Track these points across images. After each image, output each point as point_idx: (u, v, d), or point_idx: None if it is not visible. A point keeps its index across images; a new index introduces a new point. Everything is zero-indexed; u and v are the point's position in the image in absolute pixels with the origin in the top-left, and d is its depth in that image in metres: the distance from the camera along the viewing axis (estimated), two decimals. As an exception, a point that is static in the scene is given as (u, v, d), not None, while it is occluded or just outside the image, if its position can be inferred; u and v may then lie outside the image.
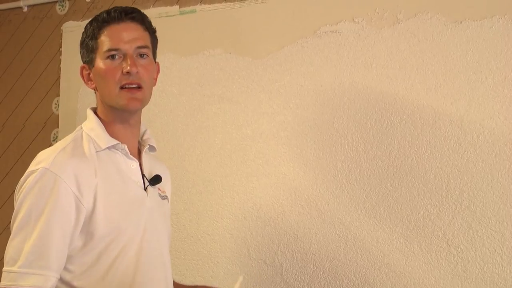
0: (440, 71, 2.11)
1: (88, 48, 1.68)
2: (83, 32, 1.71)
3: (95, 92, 1.73)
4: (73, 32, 2.86)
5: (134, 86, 1.65)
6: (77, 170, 1.56)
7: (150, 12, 2.62)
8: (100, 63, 1.66)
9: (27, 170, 1.58)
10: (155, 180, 1.77)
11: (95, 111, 1.74)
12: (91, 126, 1.68)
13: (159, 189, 1.79)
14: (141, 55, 1.68)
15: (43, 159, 1.58)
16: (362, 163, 2.20)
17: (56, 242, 1.52)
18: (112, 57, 1.65)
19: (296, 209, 2.29)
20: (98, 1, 2.86)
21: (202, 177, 2.50)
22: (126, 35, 1.66)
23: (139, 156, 1.76)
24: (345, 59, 2.27)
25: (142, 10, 2.62)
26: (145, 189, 1.72)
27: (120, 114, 1.69)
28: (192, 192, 2.51)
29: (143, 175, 1.74)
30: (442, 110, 2.10)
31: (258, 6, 2.46)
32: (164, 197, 1.81)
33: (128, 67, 1.63)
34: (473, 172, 2.03)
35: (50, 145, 2.86)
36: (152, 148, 1.81)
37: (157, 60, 1.77)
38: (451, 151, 2.07)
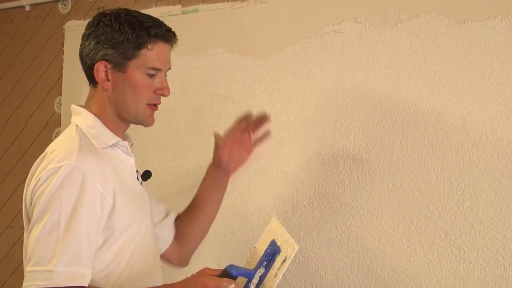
0: (443, 71, 2.11)
1: (125, 52, 1.63)
2: (114, 30, 1.63)
3: (95, 88, 1.70)
4: (75, 31, 2.86)
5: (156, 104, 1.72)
6: (99, 167, 1.57)
7: (153, 12, 2.61)
8: (136, 75, 1.65)
9: (46, 168, 1.55)
10: (146, 175, 1.83)
11: (84, 108, 1.72)
12: (89, 124, 1.67)
13: None
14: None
15: (63, 156, 1.55)
16: (364, 163, 2.20)
17: (89, 239, 1.52)
18: (152, 74, 1.66)
19: (298, 209, 2.29)
20: (101, 0, 2.86)
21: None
22: (167, 56, 1.70)
23: None
24: (347, 59, 2.27)
25: (144, 10, 2.65)
26: (141, 184, 1.78)
27: (126, 122, 1.72)
28: (194, 191, 2.50)
29: (136, 171, 1.78)
30: (444, 111, 2.09)
31: (260, 5, 2.46)
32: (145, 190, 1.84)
33: (166, 91, 1.69)
34: (475, 173, 2.03)
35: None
36: (132, 145, 1.82)
37: None
38: (453, 152, 2.07)
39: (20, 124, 3.04)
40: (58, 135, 2.82)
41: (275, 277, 1.49)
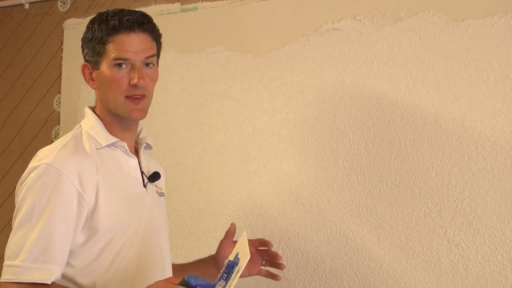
0: (442, 69, 2.11)
1: (94, 50, 1.67)
2: (89, 30, 1.69)
3: (95, 91, 1.74)
4: (74, 29, 2.86)
5: (138, 96, 1.68)
6: (79, 166, 1.58)
7: (152, 10, 2.63)
8: (106, 69, 1.65)
9: (29, 167, 1.59)
10: (154, 177, 1.80)
11: (93, 109, 1.75)
12: (90, 124, 1.70)
13: (156, 186, 1.82)
14: (147, 64, 1.68)
15: (45, 155, 1.59)
16: (363, 161, 2.20)
17: (59, 236, 1.53)
18: (119, 65, 1.64)
19: (297, 206, 2.30)
20: (100, -2, 2.86)
21: (203, 174, 2.50)
22: (136, 45, 1.65)
23: (136, 154, 1.78)
24: (346, 57, 2.27)
25: (143, 8, 2.66)
26: (145, 186, 1.75)
27: (121, 119, 1.71)
28: (193, 189, 2.51)
29: (142, 172, 1.76)
30: (443, 108, 2.10)
31: (259, 3, 2.46)
32: (161, 194, 1.84)
33: (136, 80, 1.64)
34: (474, 170, 2.04)
35: (51, 142, 2.86)
36: (148, 146, 1.83)
37: None
38: (452, 149, 2.07)
39: (19, 122, 3.04)
40: (58, 133, 2.87)
41: None
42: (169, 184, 2.52)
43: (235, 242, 1.86)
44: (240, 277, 1.85)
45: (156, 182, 1.81)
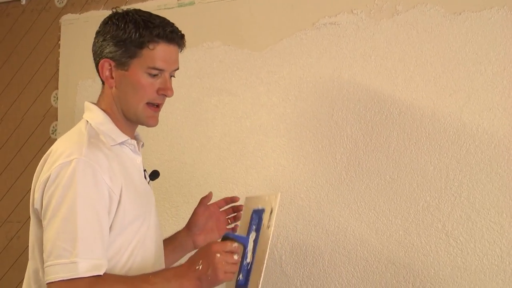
0: (439, 62, 2.11)
1: (127, 50, 1.64)
2: (119, 28, 1.64)
3: (104, 86, 1.71)
4: (71, 24, 2.85)
5: (159, 104, 1.71)
6: (108, 162, 1.57)
7: (149, 5, 2.62)
8: (138, 74, 1.65)
9: (56, 163, 1.55)
10: (154, 175, 1.82)
11: (96, 105, 1.73)
12: (100, 121, 1.68)
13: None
14: (171, 76, 1.72)
15: (71, 151, 1.55)
16: (361, 155, 2.20)
17: (104, 229, 1.54)
18: (154, 74, 1.66)
19: (296, 201, 2.30)
20: (97, -7, 2.86)
21: (201, 169, 2.50)
22: (171, 57, 1.68)
23: None
24: (344, 51, 2.27)
25: (140, 3, 2.64)
26: (148, 183, 1.77)
27: (130, 121, 1.72)
28: (191, 184, 2.51)
29: (144, 170, 1.77)
30: (441, 102, 2.09)
31: (256, -2, 2.46)
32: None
33: (168, 91, 1.68)
34: (472, 164, 2.03)
35: (49, 138, 2.86)
36: (142, 146, 1.83)
37: None
38: (450, 143, 2.07)
39: (17, 118, 3.04)
40: (55, 129, 2.87)
41: (268, 228, 1.60)
42: (167, 180, 2.52)
43: (210, 209, 1.95)
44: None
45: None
